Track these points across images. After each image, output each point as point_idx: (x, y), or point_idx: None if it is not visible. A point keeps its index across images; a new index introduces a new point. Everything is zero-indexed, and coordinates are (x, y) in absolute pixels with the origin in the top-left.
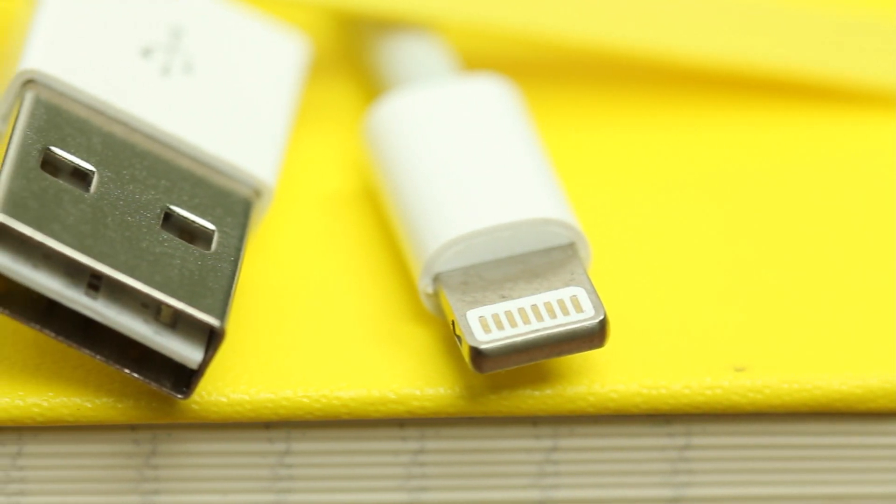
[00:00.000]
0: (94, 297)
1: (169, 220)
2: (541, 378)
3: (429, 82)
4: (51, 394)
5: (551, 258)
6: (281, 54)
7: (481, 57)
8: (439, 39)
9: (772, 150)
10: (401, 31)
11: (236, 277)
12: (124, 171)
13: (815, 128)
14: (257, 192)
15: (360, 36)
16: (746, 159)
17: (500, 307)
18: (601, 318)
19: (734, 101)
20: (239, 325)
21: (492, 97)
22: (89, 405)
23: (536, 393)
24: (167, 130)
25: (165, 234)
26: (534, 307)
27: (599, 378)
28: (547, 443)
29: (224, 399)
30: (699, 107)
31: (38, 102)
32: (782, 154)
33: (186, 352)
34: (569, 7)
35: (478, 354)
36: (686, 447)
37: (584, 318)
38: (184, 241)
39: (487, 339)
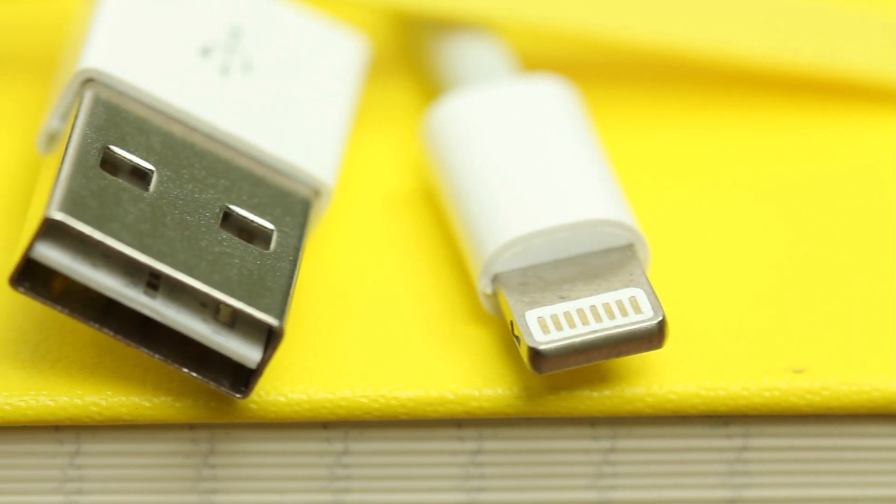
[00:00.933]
0: (153, 297)
1: (228, 219)
2: (599, 379)
3: (488, 83)
4: (109, 393)
5: (610, 259)
6: (340, 54)
7: (540, 57)
8: (498, 40)
9: (831, 152)
10: (460, 32)
11: (295, 277)
12: (183, 171)
13: (873, 129)
14: (316, 192)
15: (419, 36)
16: (806, 160)
17: (559, 308)
18: (660, 318)
19: (794, 101)
20: (297, 325)
21: (551, 98)
22: (148, 404)
23: (595, 394)
24: (226, 130)
25: (224, 234)
26: (592, 308)
27: (658, 379)
28: (605, 444)
29: (282, 399)
30: (757, 107)
31: (97, 101)
32: (841, 155)
33: (245, 351)
34: (627, 8)
35: (536, 355)
36: (744, 448)
37: (642, 318)
38: (243, 241)
39: (546, 339)
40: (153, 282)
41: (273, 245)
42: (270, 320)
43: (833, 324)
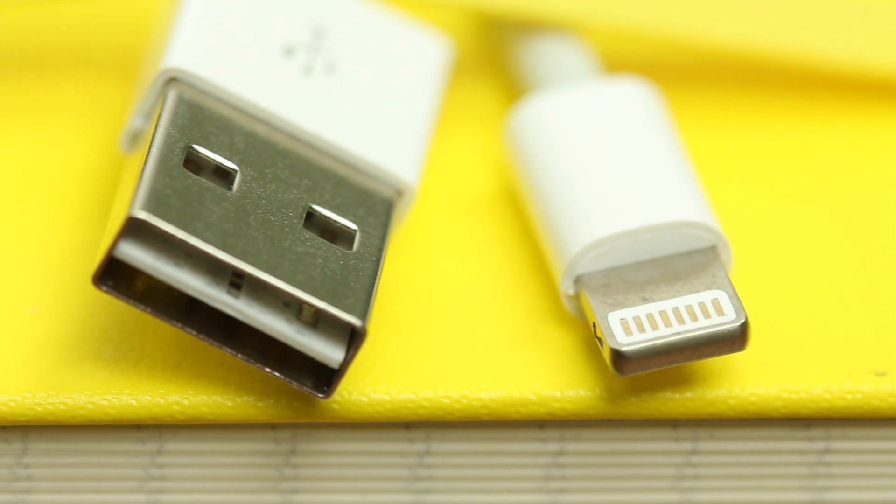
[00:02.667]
0: (236, 296)
1: (311, 219)
2: (681, 381)
3: (571, 84)
4: (191, 392)
5: (693, 261)
6: (423, 55)
7: (623, 59)
8: (582, 41)
9: None
10: (543, 33)
11: (378, 277)
12: (267, 170)
13: None
14: (399, 193)
15: (502, 37)
16: (887, 163)
17: (642, 309)
18: (742, 321)
19: (878, 105)
20: (380, 325)
21: (634, 99)
22: (230, 403)
23: (676, 395)
24: (309, 130)
25: (307, 234)
26: (675, 310)
27: (740, 381)
28: (686, 445)
29: (365, 399)
30: (842, 110)
31: (180, 100)
32: None
33: (328, 351)
34: (711, 9)
35: (619, 357)
36: (825, 451)
37: (725, 321)
38: (326, 241)
39: (629, 341)
40: (236, 281)
41: (356, 245)
42: (353, 320)
43: None
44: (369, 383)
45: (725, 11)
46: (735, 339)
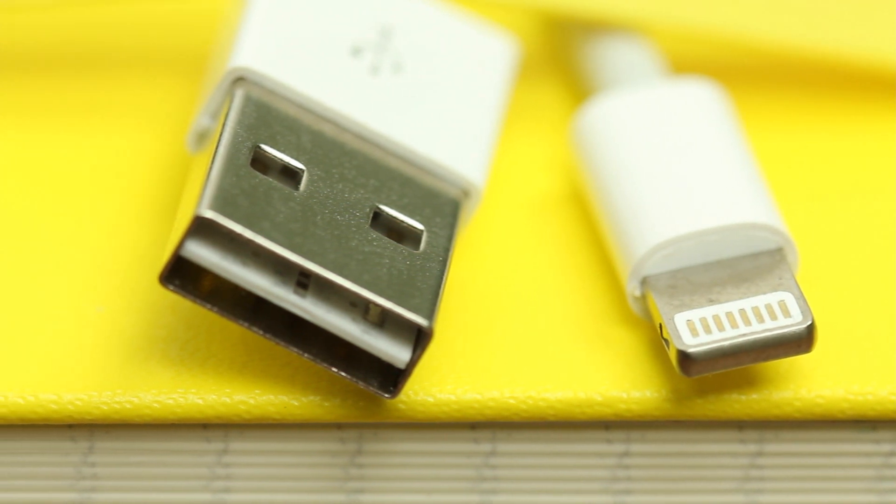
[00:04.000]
0: (303, 296)
1: (378, 219)
2: (747, 382)
3: (637, 85)
4: (258, 391)
5: (759, 263)
6: (490, 55)
7: (690, 60)
8: (648, 42)
9: None
10: (610, 34)
11: (445, 277)
12: (334, 170)
13: None
14: (466, 193)
15: (568, 38)
16: None
17: (708, 311)
18: (809, 323)
19: None
20: (446, 326)
21: (700, 101)
22: (296, 403)
23: (742, 397)
24: (376, 130)
25: (374, 234)
26: (741, 311)
27: (806, 383)
28: (752, 447)
29: (431, 399)
30: None
31: (248, 100)
32: None
33: (394, 351)
34: (778, 10)
35: (685, 358)
36: (892, 453)
37: (791, 323)
38: (392, 241)
39: (695, 342)
40: (303, 281)
41: (423, 245)
42: (420, 320)
43: None
44: (435, 383)
45: (792, 12)
46: (801, 341)
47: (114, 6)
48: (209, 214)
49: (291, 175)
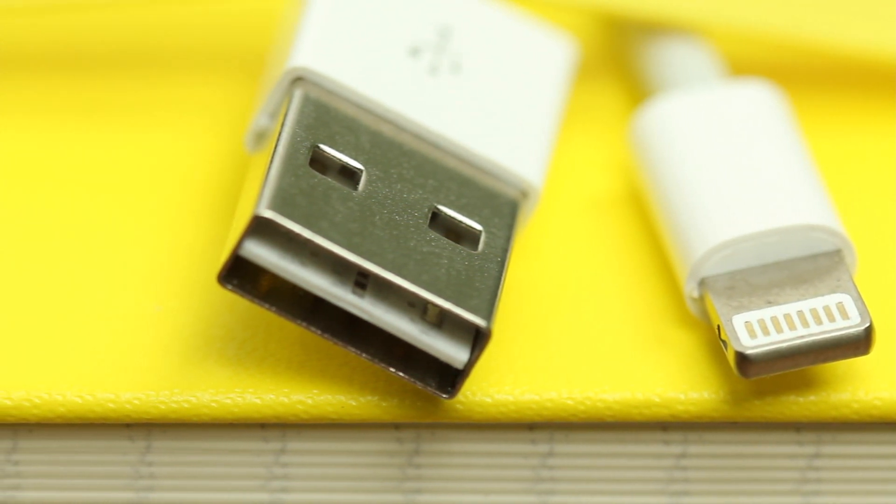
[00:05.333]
0: (361, 296)
1: (436, 219)
2: (804, 384)
3: (696, 87)
4: (315, 391)
5: (817, 264)
6: (549, 56)
7: (747, 62)
8: (706, 44)
9: None
10: (668, 36)
11: (503, 278)
12: (392, 170)
13: None
14: (524, 194)
15: (627, 39)
16: None
17: (766, 312)
18: (867, 325)
19: None
20: (504, 326)
21: (758, 102)
22: (354, 403)
23: (800, 399)
24: (435, 130)
25: (433, 234)
26: (799, 313)
27: (864, 385)
28: (809, 449)
29: (488, 399)
30: None
31: (306, 100)
32: None
33: (452, 352)
34: (836, 12)
35: (743, 359)
36: None
37: (849, 325)
38: (451, 241)
39: (753, 344)
40: (361, 281)
41: (481, 246)
42: (479, 321)
43: None
44: (493, 384)
45: (850, 13)
46: (860, 343)
47: (174, 6)
48: (268, 214)
49: (350, 175)
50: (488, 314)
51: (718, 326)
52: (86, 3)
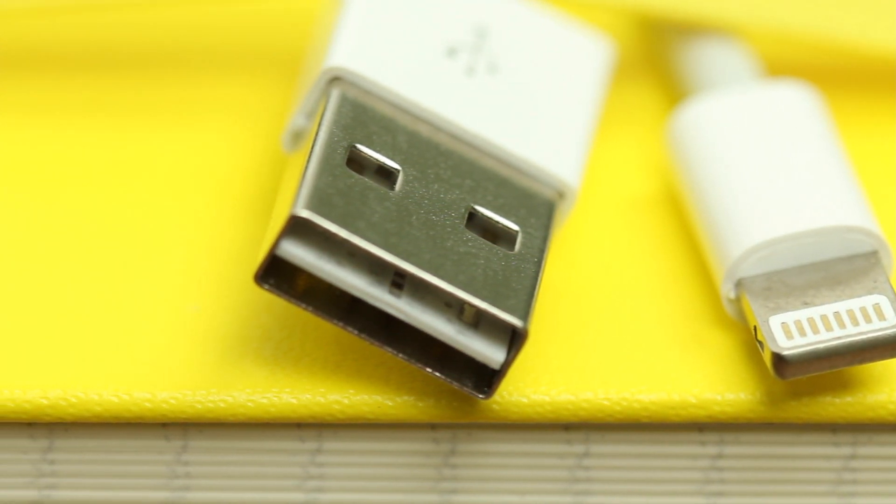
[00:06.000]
0: (398, 296)
1: (473, 219)
2: (841, 385)
3: (732, 88)
4: (352, 391)
5: (854, 266)
6: (585, 57)
7: (784, 63)
8: (743, 45)
9: None
10: (705, 36)
11: (539, 278)
12: (429, 170)
13: None
14: (561, 194)
15: (663, 40)
16: None
17: (803, 313)
18: None
19: None
20: (540, 326)
21: (795, 103)
22: (390, 403)
23: (836, 400)
24: (472, 130)
25: (469, 234)
26: (836, 314)
27: None
28: (846, 450)
29: (525, 400)
30: None
31: (344, 100)
32: None
33: (489, 352)
34: (873, 14)
35: (780, 360)
36: None
37: (886, 326)
38: (487, 241)
39: (790, 345)
40: (398, 281)
41: (518, 246)
42: (515, 321)
43: None
44: (529, 384)
45: (886, 15)
46: None
47: (212, 6)
48: (305, 214)
49: (387, 175)
50: (525, 314)
51: (755, 327)
52: (125, 2)
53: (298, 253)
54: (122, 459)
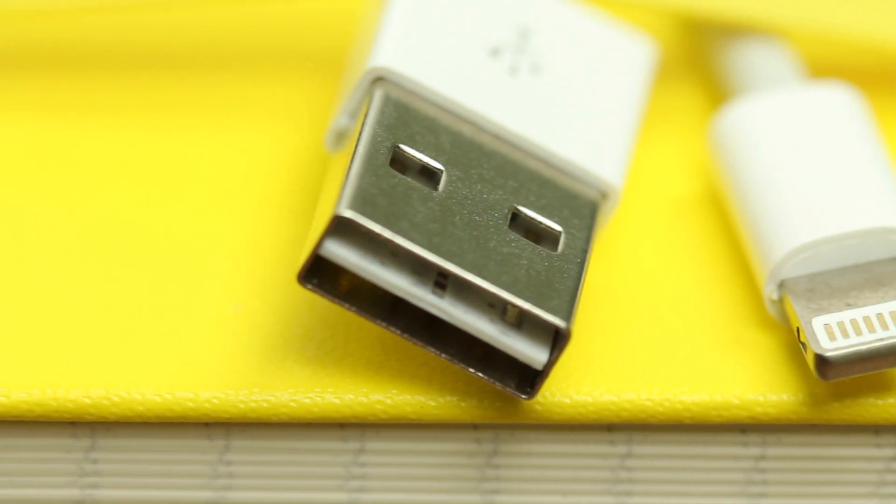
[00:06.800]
0: (441, 296)
1: (516, 220)
2: (883, 387)
3: (775, 89)
4: (394, 391)
5: None
6: (629, 57)
7: (828, 64)
8: (786, 46)
9: None
10: (748, 37)
11: (582, 279)
12: (472, 171)
13: None
14: (604, 195)
15: (707, 41)
16: None
17: (846, 315)
18: None
19: None
20: (583, 327)
21: (838, 105)
22: (433, 403)
23: (879, 402)
24: (515, 131)
25: (512, 235)
26: (879, 316)
27: None
28: (888, 451)
29: (567, 400)
30: None
31: (387, 100)
32: None
33: (532, 352)
34: None
35: (823, 362)
36: None
37: None
38: (531, 242)
39: (833, 346)
40: (441, 281)
41: (561, 247)
42: (558, 322)
43: None
44: (572, 385)
45: None
46: None
47: (256, 6)
48: (348, 214)
49: (430, 175)
50: (568, 315)
51: (798, 328)
52: (172, 1)
53: (342, 253)
54: (164, 459)
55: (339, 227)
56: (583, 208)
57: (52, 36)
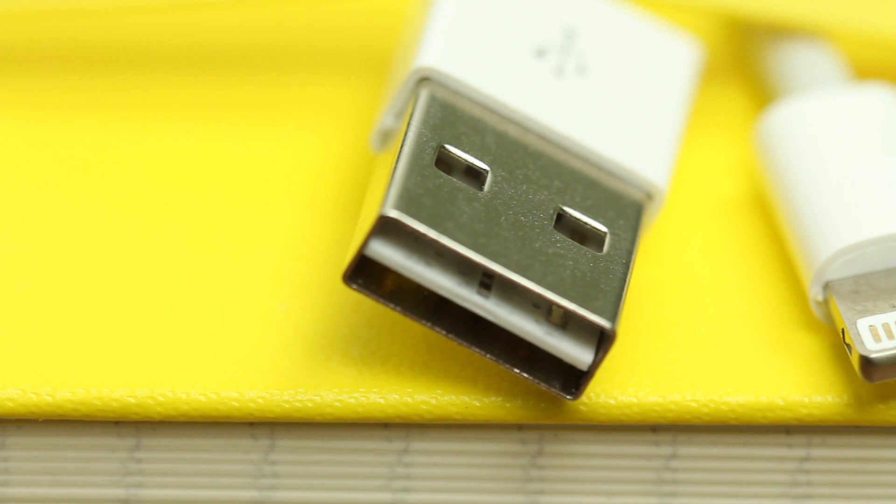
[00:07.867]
0: (486, 296)
1: (561, 220)
2: None
3: (820, 90)
4: (439, 391)
5: None
6: (674, 58)
7: (872, 65)
8: (831, 47)
9: None
10: (793, 39)
11: (628, 280)
12: (518, 171)
13: None
14: (649, 196)
15: (752, 42)
16: None
17: (891, 316)
18: None
19: None
20: (628, 328)
21: (883, 106)
22: (478, 404)
23: None
24: (560, 131)
25: (558, 235)
26: None
27: None
28: None
29: (612, 401)
30: None
31: (432, 100)
32: None
33: (577, 353)
34: None
35: (868, 363)
36: None
37: None
38: (576, 243)
39: (878, 348)
40: (486, 281)
41: (606, 247)
42: (604, 323)
43: None
44: (617, 385)
45: None
46: None
47: (303, 5)
48: (394, 214)
49: (475, 175)
50: (613, 316)
51: (843, 330)
52: (219, 1)
53: (387, 253)
54: (209, 458)
55: (385, 227)
56: (628, 209)
57: (112, 37)
